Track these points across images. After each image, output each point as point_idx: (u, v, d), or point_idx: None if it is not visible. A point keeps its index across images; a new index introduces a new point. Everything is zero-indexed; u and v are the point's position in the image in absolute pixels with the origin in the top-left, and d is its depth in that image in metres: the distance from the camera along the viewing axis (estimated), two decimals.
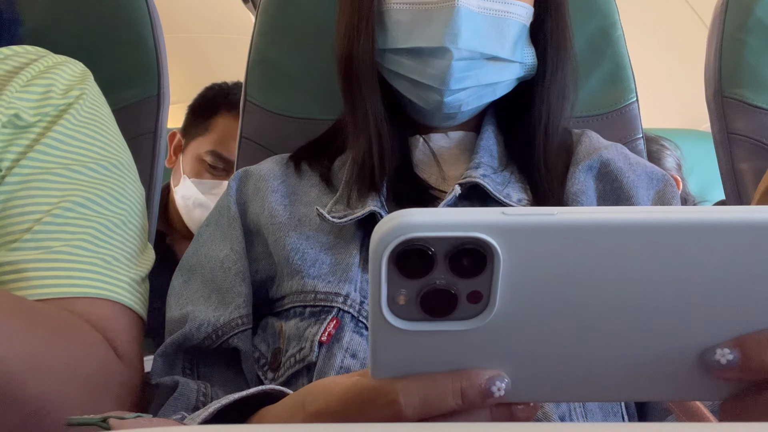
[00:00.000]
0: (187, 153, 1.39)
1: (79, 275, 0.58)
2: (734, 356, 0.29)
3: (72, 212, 0.60)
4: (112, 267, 0.61)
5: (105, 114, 0.70)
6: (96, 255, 0.60)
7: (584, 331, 0.28)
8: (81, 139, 0.64)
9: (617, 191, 0.66)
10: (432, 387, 0.29)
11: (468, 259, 0.26)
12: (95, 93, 0.70)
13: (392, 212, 0.28)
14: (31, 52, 0.67)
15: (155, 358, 0.62)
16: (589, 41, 0.88)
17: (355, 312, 0.58)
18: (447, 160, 0.70)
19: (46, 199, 0.59)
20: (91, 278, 0.59)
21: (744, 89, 0.93)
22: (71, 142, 0.63)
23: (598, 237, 0.26)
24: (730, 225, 0.26)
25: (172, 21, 2.84)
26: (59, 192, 0.60)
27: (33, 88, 0.63)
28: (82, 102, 0.66)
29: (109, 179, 0.65)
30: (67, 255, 0.58)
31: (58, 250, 0.58)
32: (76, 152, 0.63)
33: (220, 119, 1.38)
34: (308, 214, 0.65)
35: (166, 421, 0.47)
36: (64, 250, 0.58)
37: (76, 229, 0.60)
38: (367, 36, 0.65)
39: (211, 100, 1.41)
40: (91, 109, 0.67)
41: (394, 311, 0.28)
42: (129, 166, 0.70)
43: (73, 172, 0.62)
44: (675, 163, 1.59)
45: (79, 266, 0.59)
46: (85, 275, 0.59)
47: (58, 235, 0.59)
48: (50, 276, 0.57)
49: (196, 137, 1.39)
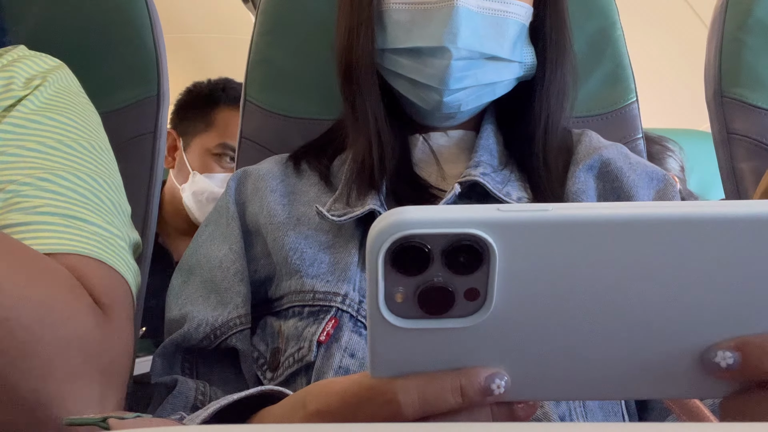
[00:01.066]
0: (191, 150, 1.40)
1: (40, 235, 0.54)
2: (735, 359, 0.28)
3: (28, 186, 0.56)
4: (82, 227, 0.57)
5: (74, 101, 0.67)
6: (60, 218, 0.56)
7: (583, 328, 0.28)
8: (41, 122, 0.61)
9: (617, 191, 0.66)
10: (431, 385, 0.29)
11: (464, 256, 0.26)
12: (64, 81, 0.68)
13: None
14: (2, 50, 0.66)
15: (154, 358, 0.62)
16: (588, 41, 0.88)
17: (354, 312, 0.58)
18: (447, 159, 0.70)
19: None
20: (56, 235, 0.55)
21: (744, 89, 0.93)
22: (29, 125, 0.60)
23: (594, 232, 0.26)
24: (728, 219, 0.25)
25: (172, 21, 2.85)
26: (12, 170, 0.57)
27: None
28: (43, 89, 0.64)
29: (75, 158, 0.61)
30: (24, 219, 0.55)
31: (12, 219, 0.54)
32: (35, 134, 0.60)
33: (220, 113, 1.40)
34: (307, 213, 0.65)
35: (165, 421, 0.47)
36: (19, 218, 0.54)
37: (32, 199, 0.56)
38: (366, 36, 0.65)
39: (207, 95, 1.43)
40: (55, 95, 0.65)
41: (392, 309, 0.28)
42: (102, 150, 0.66)
43: (29, 150, 0.59)
44: (677, 165, 1.59)
45: (39, 227, 0.55)
46: (46, 234, 0.55)
47: (10, 207, 0.55)
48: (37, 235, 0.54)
49: (199, 134, 1.39)
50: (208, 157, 1.37)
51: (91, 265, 0.56)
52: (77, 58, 0.72)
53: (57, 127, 0.62)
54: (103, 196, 0.62)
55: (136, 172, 0.85)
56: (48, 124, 0.62)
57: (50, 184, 0.58)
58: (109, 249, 0.58)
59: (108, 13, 0.90)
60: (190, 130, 1.41)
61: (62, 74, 0.68)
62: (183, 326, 0.61)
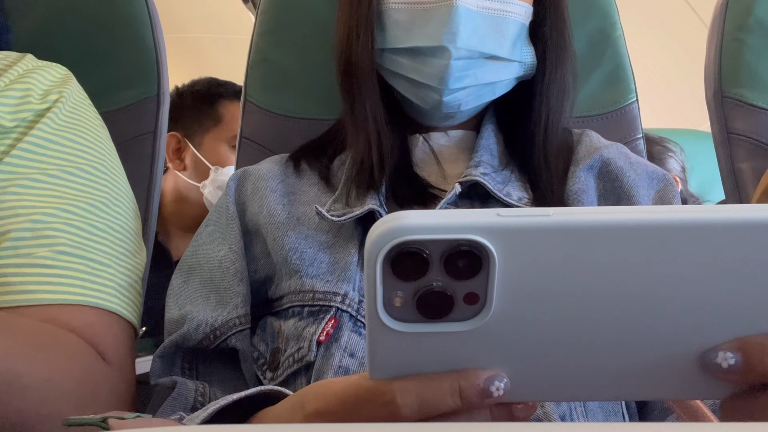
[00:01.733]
0: (204, 147, 1.40)
1: (62, 281, 0.56)
2: (736, 360, 0.28)
3: (53, 217, 0.58)
4: (97, 272, 0.59)
5: (88, 117, 0.68)
6: (80, 260, 0.58)
7: (583, 332, 0.28)
8: (60, 143, 0.63)
9: (617, 191, 0.66)
10: (430, 387, 0.29)
11: (463, 261, 0.26)
12: (77, 96, 0.68)
13: (389, 213, 0.28)
14: (11, 57, 0.66)
15: (154, 359, 0.62)
16: (588, 41, 0.88)
17: (354, 311, 0.58)
18: (447, 159, 0.70)
19: (23, 203, 0.57)
20: (74, 284, 0.57)
21: (744, 89, 0.93)
22: (50, 146, 0.62)
23: (594, 238, 0.26)
24: (728, 224, 0.25)
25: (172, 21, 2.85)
26: (37, 198, 0.58)
27: (10, 93, 0.61)
28: (61, 106, 0.64)
29: (91, 183, 0.63)
30: (49, 261, 0.56)
31: (39, 255, 0.56)
32: (56, 156, 0.62)
33: (225, 108, 1.41)
34: (307, 213, 0.65)
35: (165, 421, 0.47)
36: (46, 255, 0.56)
37: (58, 234, 0.58)
38: (366, 36, 0.65)
39: (206, 93, 1.44)
40: (72, 113, 0.66)
41: (391, 313, 0.28)
42: (114, 169, 0.68)
43: (52, 177, 0.60)
44: (678, 166, 1.58)
45: (62, 272, 0.57)
46: (67, 281, 0.57)
47: (39, 241, 0.57)
48: (31, 282, 0.55)
49: (209, 130, 1.40)
50: (227, 150, 1.38)
51: (101, 315, 0.59)
52: (78, 58, 0.73)
53: (75, 150, 0.64)
54: (116, 225, 0.64)
55: (136, 172, 0.85)
56: (67, 146, 0.63)
57: (71, 216, 0.60)
58: (119, 295, 0.61)
59: (108, 13, 0.90)
60: (196, 129, 1.41)
61: (74, 88, 0.69)
62: (183, 326, 0.61)
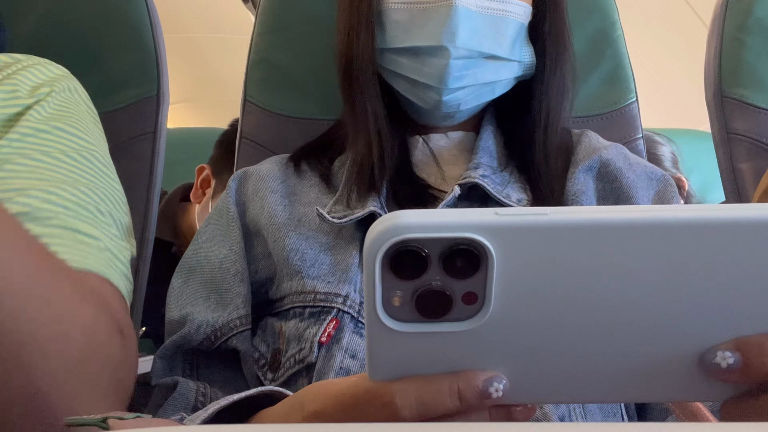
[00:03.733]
0: (217, 195, 1.37)
1: (88, 251, 0.55)
2: (735, 360, 0.28)
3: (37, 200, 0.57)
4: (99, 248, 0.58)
5: (80, 110, 0.68)
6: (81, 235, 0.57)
7: (581, 332, 0.28)
8: (47, 131, 0.62)
9: (617, 191, 0.66)
10: (428, 388, 0.29)
11: (462, 260, 0.26)
12: (72, 91, 0.68)
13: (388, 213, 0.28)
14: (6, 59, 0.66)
15: (155, 359, 0.62)
16: (588, 41, 0.88)
17: (355, 312, 0.58)
18: (446, 160, 0.70)
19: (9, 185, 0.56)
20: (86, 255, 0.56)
21: (744, 89, 0.93)
22: (37, 134, 0.61)
23: (592, 237, 0.26)
24: (727, 223, 0.25)
25: (172, 21, 2.85)
26: (22, 181, 0.57)
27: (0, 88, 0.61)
28: (51, 99, 0.64)
29: (79, 170, 0.62)
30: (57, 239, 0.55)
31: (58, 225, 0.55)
32: (40, 143, 0.61)
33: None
34: (308, 215, 0.65)
35: (165, 421, 0.47)
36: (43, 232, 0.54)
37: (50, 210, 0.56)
38: (366, 36, 0.65)
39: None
40: (62, 105, 0.65)
41: (390, 313, 0.28)
42: (106, 166, 0.67)
43: (36, 160, 0.59)
44: (669, 153, 1.56)
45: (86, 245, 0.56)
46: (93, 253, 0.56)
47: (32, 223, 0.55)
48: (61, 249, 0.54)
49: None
50: None
51: (102, 282, 0.56)
52: (77, 58, 0.73)
53: (62, 137, 0.63)
54: (104, 210, 0.62)
55: (136, 172, 0.85)
56: (54, 134, 0.62)
57: (55, 197, 0.58)
58: (112, 266, 0.59)
59: (108, 13, 0.90)
60: (223, 173, 1.34)
61: (69, 84, 0.68)
62: (183, 327, 0.61)
